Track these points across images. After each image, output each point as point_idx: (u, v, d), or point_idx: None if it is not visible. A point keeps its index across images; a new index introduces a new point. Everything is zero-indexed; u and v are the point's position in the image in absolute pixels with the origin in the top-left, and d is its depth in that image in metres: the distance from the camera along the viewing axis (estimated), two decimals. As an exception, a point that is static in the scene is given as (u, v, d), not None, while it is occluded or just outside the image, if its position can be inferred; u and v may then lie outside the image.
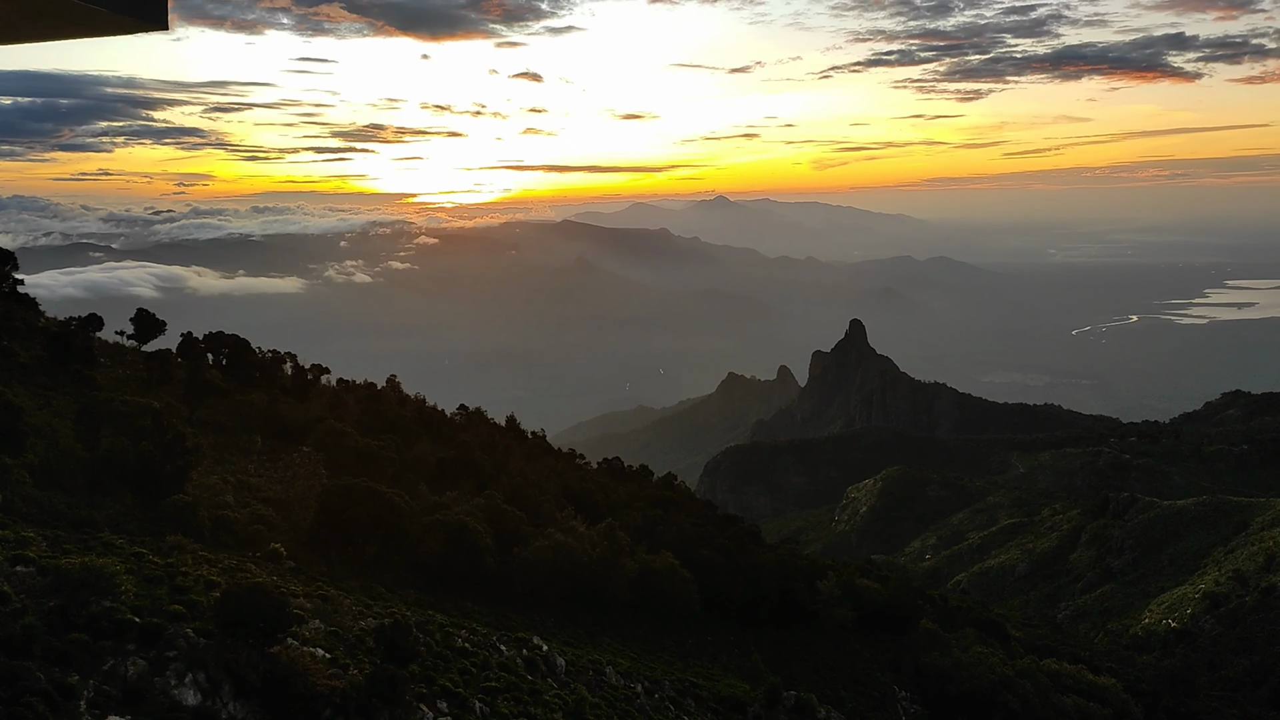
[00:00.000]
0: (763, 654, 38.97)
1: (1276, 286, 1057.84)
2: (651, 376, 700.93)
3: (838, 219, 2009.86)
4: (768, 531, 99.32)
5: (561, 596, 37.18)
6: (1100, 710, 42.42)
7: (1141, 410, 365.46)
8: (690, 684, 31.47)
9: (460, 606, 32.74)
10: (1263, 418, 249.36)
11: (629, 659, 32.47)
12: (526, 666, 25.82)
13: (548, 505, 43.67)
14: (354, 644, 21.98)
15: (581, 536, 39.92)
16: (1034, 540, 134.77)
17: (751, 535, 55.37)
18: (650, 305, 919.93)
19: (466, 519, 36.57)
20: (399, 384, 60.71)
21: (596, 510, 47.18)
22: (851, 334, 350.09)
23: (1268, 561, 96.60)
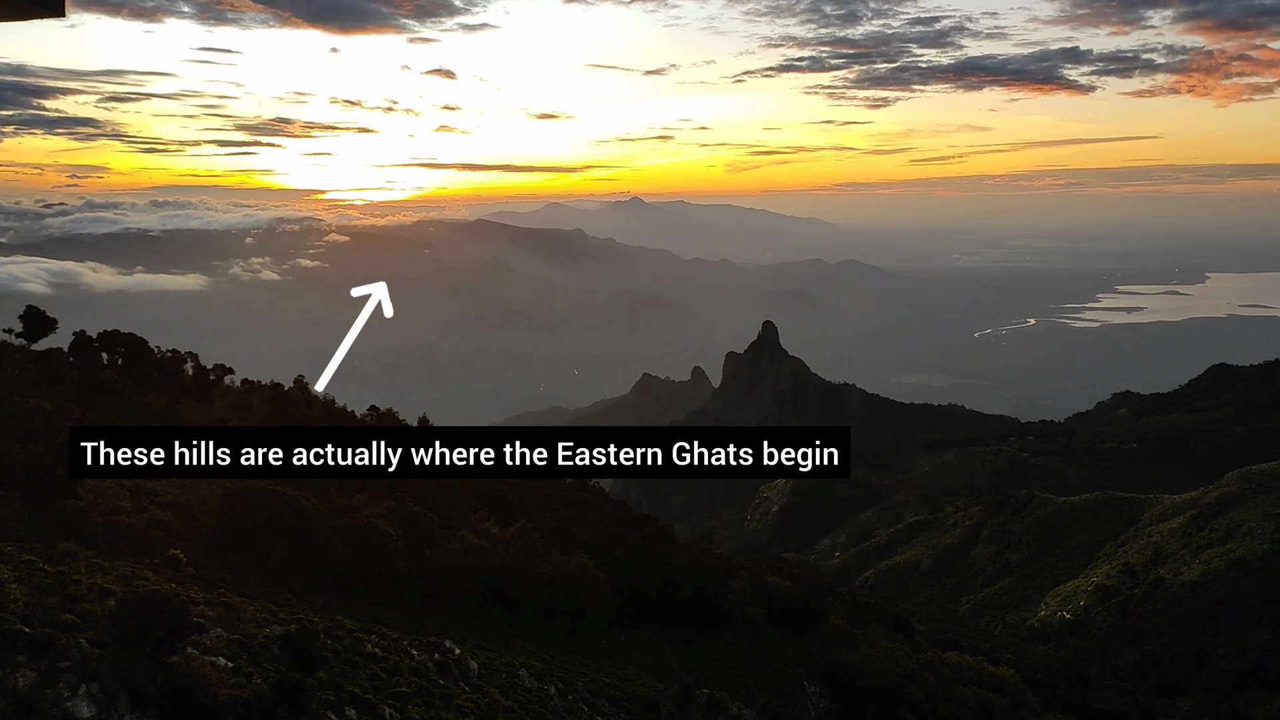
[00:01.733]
0: (676, 653, 39.19)
1: (1164, 292, 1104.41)
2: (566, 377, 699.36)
3: (750, 221, 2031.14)
4: (681, 531, 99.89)
5: (474, 599, 36.83)
6: (999, 700, 43.69)
7: (1039, 410, 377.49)
8: (604, 684, 31.47)
9: (370, 611, 32.19)
10: (1150, 417, 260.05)
11: (543, 661, 32.33)
12: (438, 671, 25.52)
13: (460, 507, 43.23)
14: (258, 652, 21.44)
15: (494, 538, 39.60)
16: (938, 537, 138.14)
17: (665, 535, 55.64)
18: (565, 306, 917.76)
19: (376, 522, 35.99)
20: (307, 384, 59.37)
21: (510, 512, 46.88)
22: (764, 335, 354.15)
23: (1155, 555, 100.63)
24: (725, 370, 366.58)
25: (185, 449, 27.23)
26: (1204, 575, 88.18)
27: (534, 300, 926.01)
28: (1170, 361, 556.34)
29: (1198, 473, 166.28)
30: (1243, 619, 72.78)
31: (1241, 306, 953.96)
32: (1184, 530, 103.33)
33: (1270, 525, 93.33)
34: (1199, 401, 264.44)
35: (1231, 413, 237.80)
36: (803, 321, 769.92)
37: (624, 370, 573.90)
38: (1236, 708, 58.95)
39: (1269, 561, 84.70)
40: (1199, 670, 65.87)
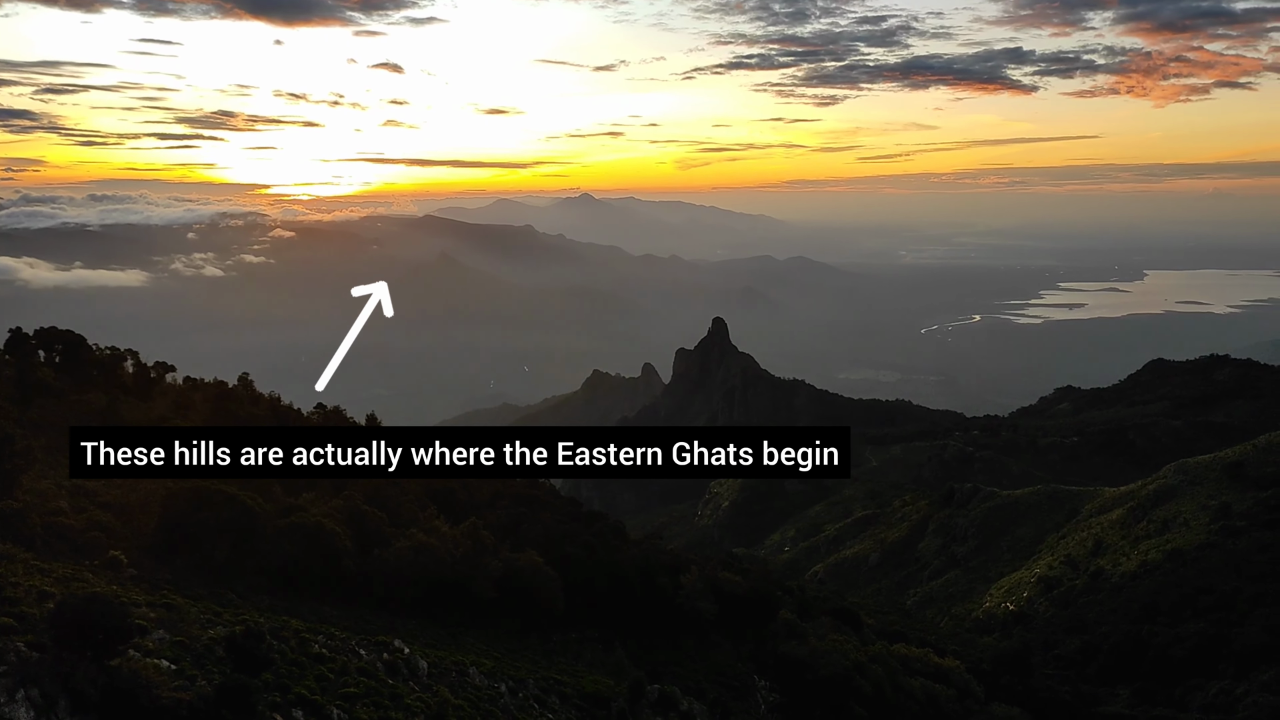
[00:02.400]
0: (626, 649, 39.24)
1: (1104, 289, 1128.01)
2: (516, 374, 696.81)
3: (701, 218, 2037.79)
4: (632, 527, 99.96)
5: (424, 598, 36.57)
6: (945, 691, 44.34)
7: (983, 405, 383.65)
8: (555, 681, 31.43)
9: (317, 611, 31.82)
10: (1091, 411, 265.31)
11: (493, 659, 32.19)
12: (387, 670, 25.31)
13: (409, 505, 42.89)
14: (202, 654, 21.10)
15: (444, 536, 39.34)
16: (886, 530, 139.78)
17: (616, 531, 55.67)
18: (515, 302, 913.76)
19: (324, 521, 35.58)
20: (251, 382, 58.43)
21: (460, 509, 46.60)
22: (714, 332, 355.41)
23: (1096, 546, 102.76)
24: (675, 366, 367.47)
25: (185, 449, 26.87)
26: (1142, 566, 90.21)
27: (484, 296, 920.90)
28: (1110, 357, 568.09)
29: (1136, 465, 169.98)
30: (1180, 608, 74.57)
31: (1178, 303, 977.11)
32: (1123, 522, 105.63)
33: (1205, 516, 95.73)
34: (1137, 396, 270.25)
35: (1168, 407, 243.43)
36: (752, 318, 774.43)
37: (574, 366, 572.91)
38: (1174, 694, 60.42)
39: (1204, 551, 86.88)
40: (1138, 658, 67.39)
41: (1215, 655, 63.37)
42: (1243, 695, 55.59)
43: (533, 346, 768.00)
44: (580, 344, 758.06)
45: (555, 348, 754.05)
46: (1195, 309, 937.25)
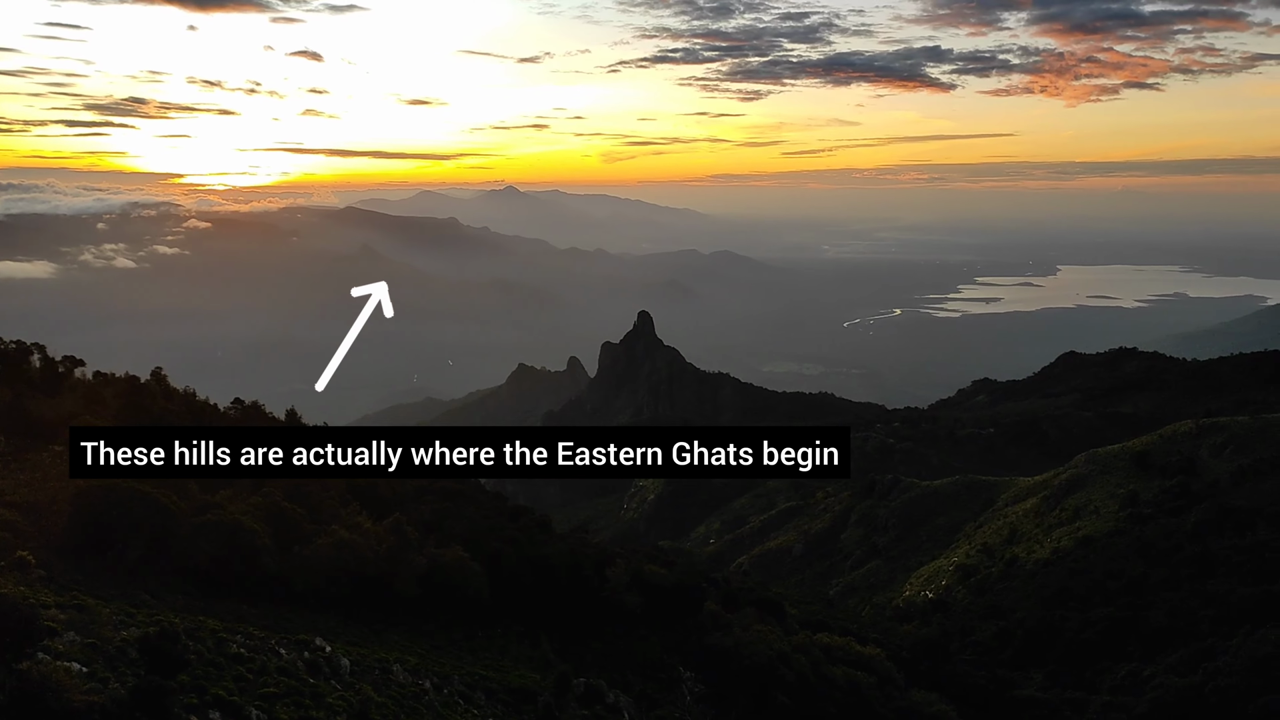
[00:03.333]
0: (553, 643, 39.16)
1: (1019, 283, 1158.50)
2: (440, 368, 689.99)
3: (626, 212, 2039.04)
4: (558, 521, 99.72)
5: (347, 595, 36.03)
6: (866, 678, 45.14)
7: (904, 397, 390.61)
8: (480, 677, 31.25)
9: (236, 611, 31.13)
10: (1007, 403, 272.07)
11: (417, 655, 31.88)
12: (308, 669, 24.90)
13: (331, 502, 42.17)
14: (115, 656, 20.52)
15: (367, 533, 38.80)
16: (809, 522, 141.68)
17: (542, 525, 55.50)
18: (439, 295, 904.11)
19: (242, 518, 34.81)
20: (165, 377, 56.77)
21: (383, 505, 45.96)
22: (640, 325, 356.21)
23: (1011, 534, 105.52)
24: (601, 360, 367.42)
25: (185, 449, 26.35)
26: (1055, 553, 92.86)
27: (407, 289, 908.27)
28: (1024, 350, 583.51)
29: (1049, 455, 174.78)
30: (1090, 593, 76.98)
31: (1089, 297, 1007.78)
32: (1037, 510, 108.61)
33: (1114, 504, 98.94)
34: (1050, 388, 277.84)
35: (1079, 398, 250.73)
36: (678, 311, 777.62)
37: (499, 360, 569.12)
38: (1084, 677, 62.38)
39: (1113, 539, 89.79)
40: (1050, 643, 69.42)
41: (1124, 638, 65.60)
42: (1150, 676, 57.62)
43: (457, 340, 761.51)
44: (505, 337, 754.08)
45: (480, 341, 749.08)
46: (1105, 303, 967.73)
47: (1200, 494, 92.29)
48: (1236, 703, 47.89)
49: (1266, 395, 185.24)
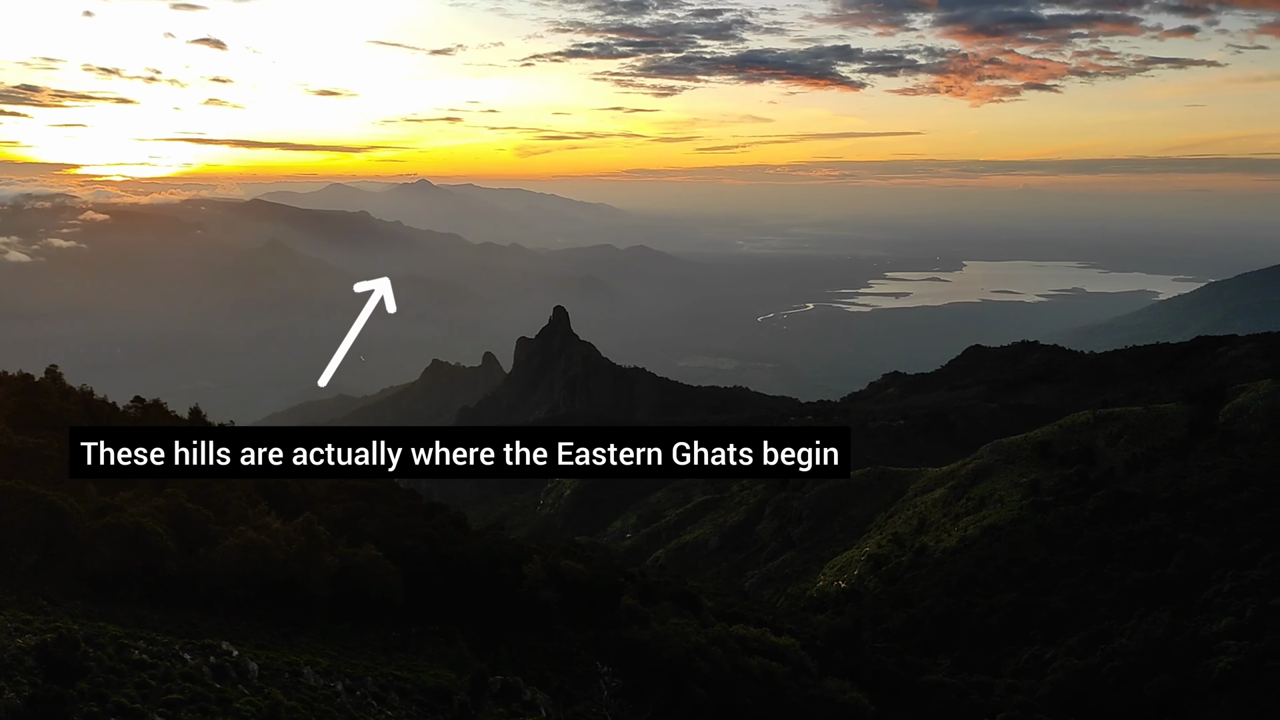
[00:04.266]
0: (469, 641, 38.83)
1: (927, 278, 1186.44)
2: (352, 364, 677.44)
3: (541, 206, 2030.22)
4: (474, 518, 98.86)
5: (255, 597, 35.18)
6: (781, 668, 45.77)
7: (817, 390, 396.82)
8: (394, 677, 30.82)
9: (138, 616, 30.17)
10: (916, 395, 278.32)
11: (329, 657, 31.29)
12: (214, 674, 24.26)
13: (238, 501, 41.12)
14: (10, 664, 19.72)
15: (276, 533, 37.91)
16: (725, 515, 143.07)
17: (457, 523, 54.99)
18: (350, 290, 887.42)
19: (143, 520, 33.72)
20: (61, 375, 54.66)
21: (294, 504, 44.98)
22: (555, 320, 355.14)
23: (920, 524, 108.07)
24: (517, 355, 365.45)
25: (185, 449, 25.68)
26: (962, 541, 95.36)
27: (317, 284, 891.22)
28: (933, 343, 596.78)
29: (957, 446, 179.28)
30: (995, 580, 79.25)
31: (994, 292, 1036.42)
32: (945, 500, 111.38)
33: (1018, 493, 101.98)
34: (957, 380, 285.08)
35: (985, 390, 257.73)
36: (594, 306, 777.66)
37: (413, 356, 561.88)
38: (989, 661, 64.24)
39: (1016, 526, 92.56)
40: (958, 628, 71.31)
41: (1026, 623, 67.70)
42: (1051, 659, 59.59)
43: (369, 335, 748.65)
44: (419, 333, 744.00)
45: (393, 337, 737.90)
46: (1008, 298, 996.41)
47: (1097, 482, 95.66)
48: (1132, 682, 49.82)
49: (1158, 386, 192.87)
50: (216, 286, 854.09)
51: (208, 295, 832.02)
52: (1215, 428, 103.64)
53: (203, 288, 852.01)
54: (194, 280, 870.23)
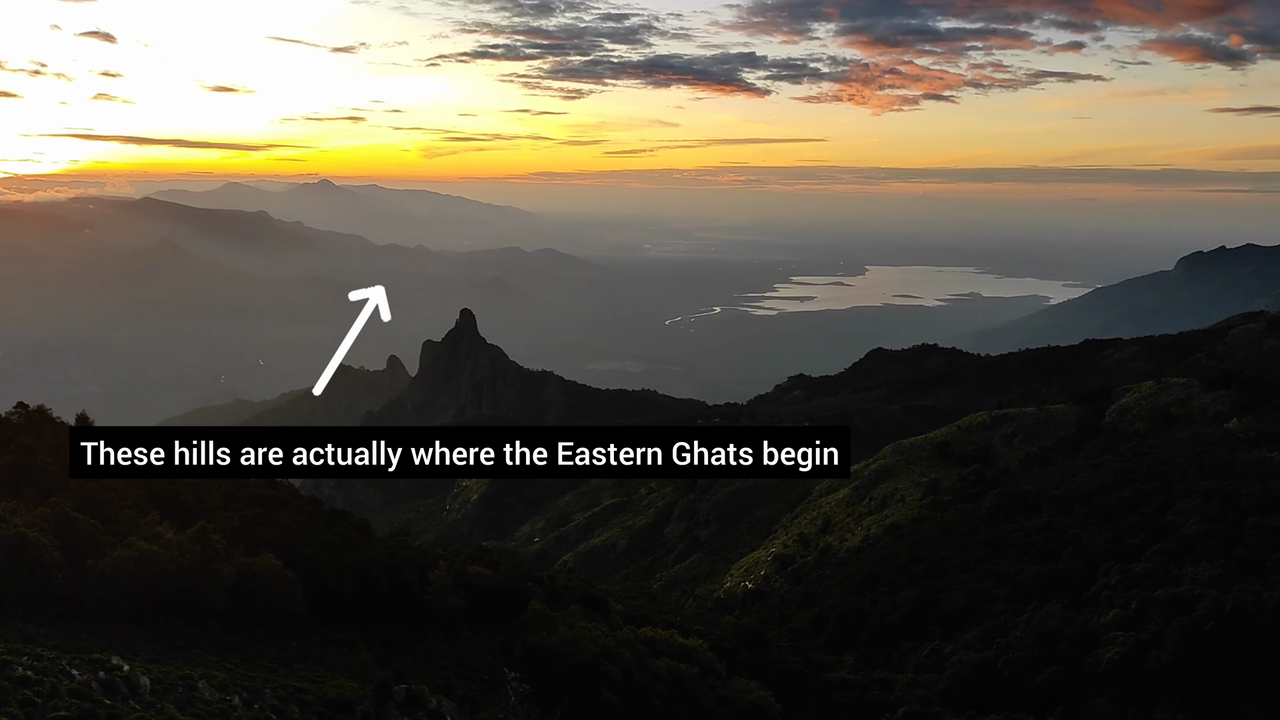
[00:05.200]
0: (373, 650, 38.11)
1: (831, 283, 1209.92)
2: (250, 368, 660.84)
3: (447, 208, 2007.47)
4: (378, 524, 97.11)
5: (147, 610, 33.95)
6: (689, 669, 46.04)
7: (724, 393, 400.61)
8: (294, 689, 30.06)
9: (22, 631, 28.82)
10: (820, 397, 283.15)
11: (225, 670, 30.36)
12: (104, 690, 23.33)
13: (128, 511, 39.62)
14: (-123, 688, 18.64)
15: (169, 543, 36.62)
16: (633, 518, 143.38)
17: (360, 529, 53.90)
18: (248, 292, 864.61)
19: (27, 531, 32.24)
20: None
21: (188, 513, 43.53)
22: (462, 323, 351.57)
23: (825, 524, 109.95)
24: (422, 359, 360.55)
25: (185, 449, 24.75)
26: (865, 540, 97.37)
27: (213, 286, 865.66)
28: (836, 346, 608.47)
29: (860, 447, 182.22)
30: (896, 578, 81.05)
31: (895, 296, 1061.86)
32: (848, 500, 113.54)
33: (919, 493, 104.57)
34: (860, 383, 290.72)
35: (887, 392, 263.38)
36: (501, 309, 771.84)
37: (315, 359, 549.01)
38: (891, 657, 65.67)
39: (917, 525, 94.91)
40: (861, 626, 72.72)
41: (927, 619, 69.39)
42: (950, 654, 61.18)
43: (268, 338, 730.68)
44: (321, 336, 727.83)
45: (294, 340, 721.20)
46: (909, 302, 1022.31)
47: (993, 480, 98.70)
48: (1025, 674, 51.44)
49: (1049, 387, 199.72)
50: (105, 288, 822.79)
51: (96, 297, 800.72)
52: (1102, 427, 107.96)
53: (91, 290, 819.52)
54: (82, 282, 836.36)
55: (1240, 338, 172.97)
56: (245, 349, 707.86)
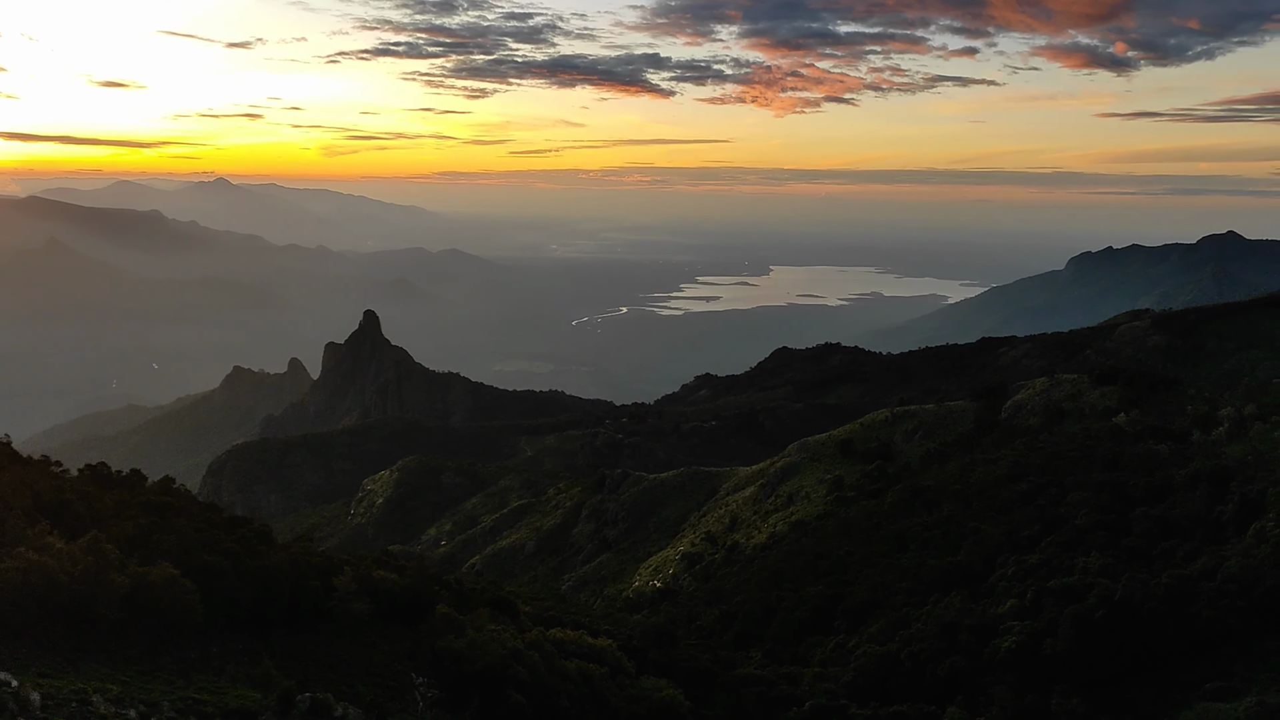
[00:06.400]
0: (275, 659, 37.24)
1: (736, 283, 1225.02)
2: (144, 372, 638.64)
3: (349, 208, 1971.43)
4: (280, 530, 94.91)
5: (37, 622, 32.59)
6: (599, 670, 46.09)
7: (632, 393, 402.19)
8: (194, 701, 29.23)
9: (-104, 650, 27.43)
10: (727, 397, 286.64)
11: (121, 683, 29.35)
12: (-11, 709, 22.34)
13: (15, 521, 37.97)
14: None
15: (59, 553, 35.23)
16: (541, 519, 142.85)
17: (262, 536, 52.49)
18: (141, 294, 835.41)
19: (-98, 545, 30.66)
20: None
21: (79, 522, 41.90)
22: (366, 325, 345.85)
23: (732, 522, 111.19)
24: (325, 362, 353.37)
25: None
26: (771, 537, 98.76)
27: (103, 287, 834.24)
28: (742, 346, 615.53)
29: (766, 445, 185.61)
30: (802, 574, 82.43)
31: (799, 296, 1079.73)
32: (755, 498, 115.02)
33: (823, 489, 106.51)
34: (765, 382, 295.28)
35: (791, 391, 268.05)
36: (405, 311, 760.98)
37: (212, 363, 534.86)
38: (798, 652, 66.75)
39: (822, 521, 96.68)
40: (768, 622, 73.76)
41: (832, 614, 70.73)
42: (854, 647, 62.47)
43: (163, 342, 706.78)
44: (218, 338, 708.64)
45: (190, 343, 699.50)
46: (812, 301, 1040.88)
47: (895, 476, 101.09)
48: (928, 665, 52.83)
49: (948, 384, 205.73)
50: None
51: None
52: (998, 423, 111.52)
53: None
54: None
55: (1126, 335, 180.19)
56: (138, 352, 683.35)
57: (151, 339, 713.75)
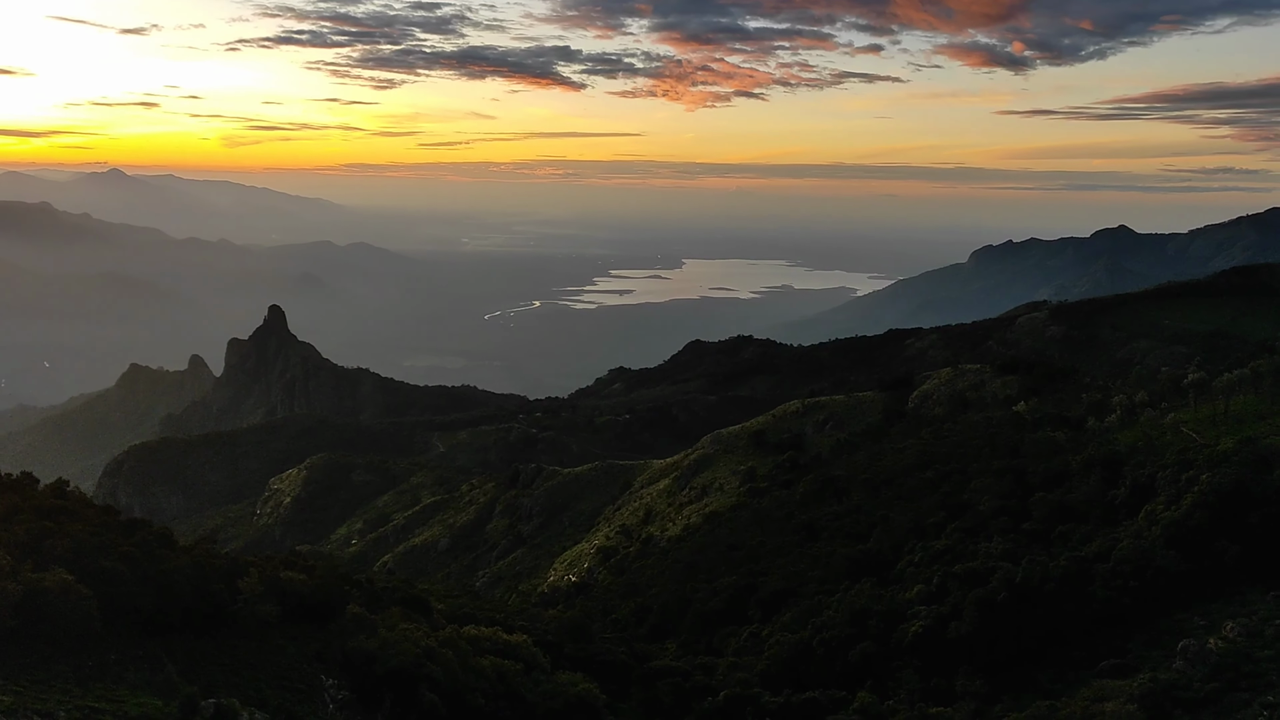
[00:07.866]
0: (178, 664, 36.09)
1: (649, 276, 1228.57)
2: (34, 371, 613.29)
3: (252, 200, 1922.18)
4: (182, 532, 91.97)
5: (-85, 636, 31.01)
6: (513, 666, 45.79)
7: (545, 387, 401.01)
8: (92, 709, 28.18)
9: None
10: (641, 390, 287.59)
11: (13, 694, 28.14)
12: None
13: (-108, 529, 36.06)
14: None
15: (-58, 562, 33.58)
16: (454, 515, 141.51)
17: (162, 539, 50.77)
18: (29, 290, 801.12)
19: None
20: None
21: (-38, 529, 39.96)
22: (270, 320, 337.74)
23: (646, 515, 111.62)
24: (228, 358, 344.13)
25: None
26: (685, 529, 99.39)
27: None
28: (655, 339, 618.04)
29: (679, 438, 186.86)
30: (716, 565, 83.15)
31: (712, 289, 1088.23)
32: (669, 491, 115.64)
33: (736, 480, 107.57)
34: (679, 375, 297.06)
35: (705, 384, 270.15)
36: (312, 305, 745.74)
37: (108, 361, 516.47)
38: (712, 643, 67.30)
39: (736, 512, 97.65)
40: (682, 613, 74.20)
41: (745, 603, 71.47)
42: (768, 636, 63.22)
43: (54, 340, 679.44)
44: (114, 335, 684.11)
45: (83, 340, 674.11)
46: (725, 294, 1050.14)
47: (807, 466, 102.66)
48: (839, 652, 53.69)
49: (857, 375, 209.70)
50: None
51: None
52: (906, 413, 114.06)
53: None
54: None
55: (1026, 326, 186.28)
56: (28, 350, 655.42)
57: (43, 336, 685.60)
